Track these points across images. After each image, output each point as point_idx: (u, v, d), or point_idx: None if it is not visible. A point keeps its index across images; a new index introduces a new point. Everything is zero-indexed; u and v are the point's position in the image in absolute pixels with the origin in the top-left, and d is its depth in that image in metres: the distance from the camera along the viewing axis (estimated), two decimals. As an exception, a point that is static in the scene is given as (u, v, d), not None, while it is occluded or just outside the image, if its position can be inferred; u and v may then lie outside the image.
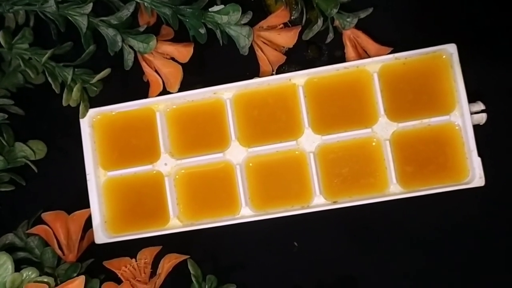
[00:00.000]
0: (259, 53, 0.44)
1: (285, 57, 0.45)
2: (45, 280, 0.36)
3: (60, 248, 0.44)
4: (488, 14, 0.45)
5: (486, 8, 0.45)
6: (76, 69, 0.43)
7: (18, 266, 0.39)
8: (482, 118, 0.42)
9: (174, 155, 0.44)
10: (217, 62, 0.47)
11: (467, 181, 0.41)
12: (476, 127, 0.41)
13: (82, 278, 0.37)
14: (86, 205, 0.44)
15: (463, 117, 0.41)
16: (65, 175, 0.47)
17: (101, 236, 0.43)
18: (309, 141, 0.43)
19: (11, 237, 0.44)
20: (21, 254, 0.43)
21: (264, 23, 0.44)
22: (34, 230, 0.43)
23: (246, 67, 0.45)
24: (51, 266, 0.43)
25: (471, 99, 0.42)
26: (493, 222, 0.44)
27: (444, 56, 0.42)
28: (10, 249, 0.43)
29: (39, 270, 0.41)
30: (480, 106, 0.42)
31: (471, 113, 0.41)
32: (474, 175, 0.41)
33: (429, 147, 0.42)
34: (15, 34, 0.43)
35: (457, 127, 0.42)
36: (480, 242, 0.44)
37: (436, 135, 0.42)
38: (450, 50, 0.41)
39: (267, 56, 0.44)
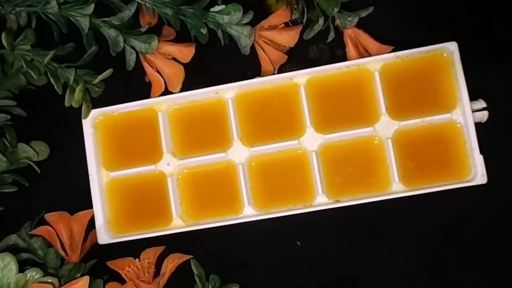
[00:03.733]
0: (260, 52, 0.44)
1: (286, 57, 0.45)
2: (49, 280, 0.36)
3: (63, 249, 0.43)
4: (489, 11, 0.45)
5: (486, 5, 0.45)
6: (78, 70, 0.43)
7: (22, 267, 0.39)
8: (483, 116, 0.42)
9: (176, 155, 0.44)
10: (218, 62, 0.46)
11: (469, 179, 0.41)
12: (477, 125, 0.41)
13: (86, 279, 0.37)
14: (89, 205, 0.44)
15: (464, 115, 0.41)
16: (67, 175, 0.47)
17: (104, 236, 0.43)
18: (311, 140, 0.43)
19: (14, 238, 0.44)
20: (25, 255, 0.43)
21: (265, 23, 0.44)
22: (37, 231, 0.43)
23: (248, 66, 0.45)
24: (55, 267, 0.43)
25: (473, 97, 0.41)
26: (496, 220, 0.44)
27: (445, 54, 0.42)
28: (13, 250, 0.42)
29: (42, 271, 0.41)
30: (481, 104, 0.42)
31: (473, 111, 0.41)
32: (476, 173, 0.41)
33: (431, 146, 0.42)
34: (17, 36, 0.43)
35: (458, 125, 0.42)
36: (482, 239, 0.44)
37: (438, 133, 0.42)
38: (451, 48, 0.41)
39: (268, 56, 0.44)
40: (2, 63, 0.44)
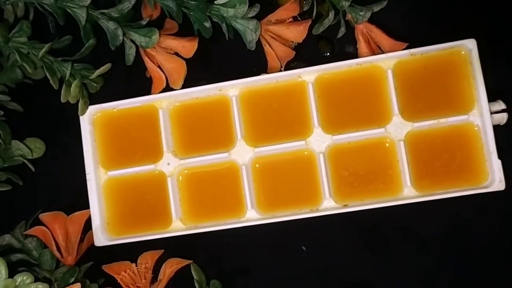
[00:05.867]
0: (267, 48, 0.43)
1: (294, 53, 0.44)
2: (40, 286, 0.34)
3: (59, 250, 0.43)
4: (510, 7, 0.44)
5: (507, 1, 0.43)
6: (75, 64, 0.42)
7: (15, 268, 0.39)
8: (502, 118, 0.40)
9: (177, 154, 0.43)
10: (222, 58, 0.46)
11: (486, 185, 0.40)
12: (496, 128, 0.40)
13: (77, 286, 0.36)
14: (86, 206, 0.43)
15: (482, 117, 0.40)
16: (64, 174, 0.46)
17: (101, 238, 0.43)
18: (318, 141, 0.42)
19: (8, 239, 0.44)
20: (18, 256, 0.43)
21: (272, 17, 0.43)
22: (32, 231, 0.43)
23: (253, 63, 0.44)
24: (49, 269, 0.42)
25: (491, 98, 0.40)
26: (513, 228, 0.43)
27: (462, 52, 0.41)
28: (7, 250, 0.43)
29: (37, 272, 0.41)
30: (500, 105, 0.40)
31: (491, 113, 0.40)
32: (494, 179, 0.40)
33: (445, 149, 0.41)
34: (14, 28, 0.41)
35: (476, 128, 0.41)
36: (498, 248, 0.43)
37: (454, 135, 0.41)
38: (469, 45, 0.40)
39: (275, 52, 0.43)
40: (-2, 56, 0.43)
